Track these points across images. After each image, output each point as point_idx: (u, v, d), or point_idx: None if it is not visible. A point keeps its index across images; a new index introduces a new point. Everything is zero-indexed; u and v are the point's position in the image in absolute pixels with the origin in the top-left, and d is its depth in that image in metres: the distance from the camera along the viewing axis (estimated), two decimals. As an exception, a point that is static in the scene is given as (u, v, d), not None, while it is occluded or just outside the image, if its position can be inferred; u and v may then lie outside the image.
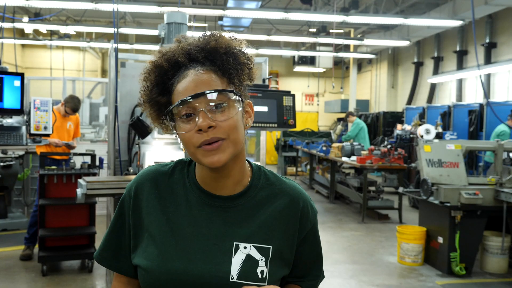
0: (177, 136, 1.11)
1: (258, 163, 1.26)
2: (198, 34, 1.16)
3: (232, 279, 1.06)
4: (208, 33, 1.12)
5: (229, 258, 1.08)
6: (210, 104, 1.04)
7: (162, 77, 1.09)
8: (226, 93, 1.05)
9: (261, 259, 1.09)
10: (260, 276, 1.08)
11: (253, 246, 1.10)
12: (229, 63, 1.08)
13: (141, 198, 1.16)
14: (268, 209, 1.14)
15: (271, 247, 1.11)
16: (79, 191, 3.23)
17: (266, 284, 1.07)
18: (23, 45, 18.29)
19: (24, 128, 5.21)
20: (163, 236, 1.10)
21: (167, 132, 1.16)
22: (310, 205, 1.20)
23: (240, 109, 1.08)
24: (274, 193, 1.16)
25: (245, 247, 1.09)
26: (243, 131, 1.09)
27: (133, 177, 3.58)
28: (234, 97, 1.07)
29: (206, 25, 15.07)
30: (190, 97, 1.03)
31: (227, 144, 1.04)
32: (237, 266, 1.07)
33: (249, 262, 1.08)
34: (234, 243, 1.09)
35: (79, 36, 16.69)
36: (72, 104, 5.59)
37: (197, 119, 1.03)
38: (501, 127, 7.74)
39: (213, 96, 1.04)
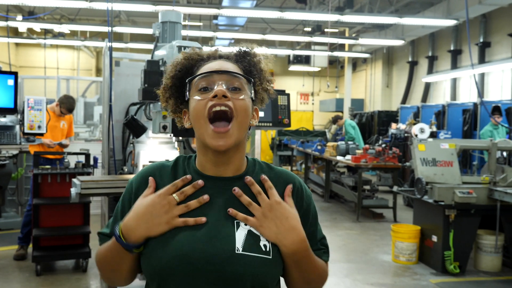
0: (190, 120, 1.19)
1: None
2: (193, 33, 1.22)
3: (237, 251, 1.09)
4: (244, 48, 1.24)
5: (232, 233, 1.11)
6: (229, 84, 1.15)
7: (189, 65, 1.21)
8: (243, 83, 1.16)
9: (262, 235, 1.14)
10: (263, 249, 1.11)
11: None
12: (255, 67, 1.21)
13: (144, 188, 1.20)
14: (265, 190, 1.18)
15: None
16: (73, 190, 3.21)
17: (271, 257, 1.11)
18: (16, 44, 18.19)
19: (17, 127, 5.18)
20: None
21: (180, 123, 1.25)
22: (303, 186, 1.26)
23: (251, 103, 1.18)
24: (269, 177, 1.21)
25: (246, 224, 1.13)
26: (248, 121, 1.17)
27: (128, 176, 3.58)
28: (248, 90, 1.18)
29: (201, 24, 15.04)
30: (217, 71, 1.14)
31: (234, 126, 1.12)
32: (241, 240, 1.11)
33: (252, 237, 1.12)
34: (235, 221, 1.13)
35: (73, 34, 16.62)
36: (68, 104, 5.58)
37: (215, 87, 1.13)
38: (486, 127, 7.89)
39: (234, 78, 1.15)
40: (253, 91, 1.19)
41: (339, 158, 8.38)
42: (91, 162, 5.11)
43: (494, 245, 5.10)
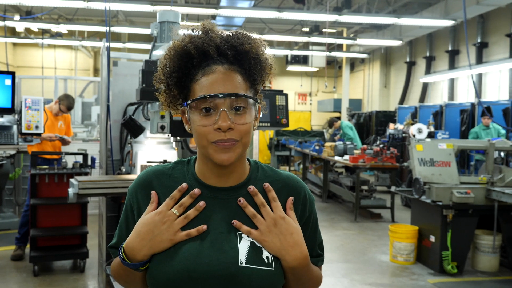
0: (190, 126, 1.14)
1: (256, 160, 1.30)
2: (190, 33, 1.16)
3: (241, 263, 1.08)
4: (240, 31, 1.15)
5: (235, 245, 1.10)
6: (234, 104, 1.08)
7: (186, 63, 1.11)
8: (248, 99, 1.10)
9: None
10: (266, 261, 1.10)
11: None
12: (256, 69, 1.13)
13: (144, 197, 1.18)
14: (267, 199, 1.15)
15: None
16: (71, 190, 3.21)
17: (273, 268, 1.10)
18: (14, 44, 18.15)
19: (15, 127, 5.18)
20: None
21: (176, 114, 1.19)
22: (307, 192, 1.24)
23: (254, 116, 1.13)
24: (272, 184, 1.18)
25: (248, 236, 1.12)
26: (251, 137, 1.14)
27: (125, 176, 3.57)
28: (253, 103, 1.12)
29: (199, 24, 15.01)
30: (221, 95, 1.06)
31: (239, 145, 1.09)
32: (244, 252, 1.09)
33: (254, 249, 1.11)
34: (238, 232, 1.12)
35: (71, 34, 16.59)
36: (67, 102, 5.56)
37: (217, 117, 1.07)
38: (474, 128, 8.04)
39: (238, 99, 1.08)
40: (257, 103, 1.14)
41: (337, 158, 8.39)
42: (89, 162, 5.10)
43: (491, 245, 5.10)
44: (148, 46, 3.63)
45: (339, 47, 17.24)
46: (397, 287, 4.74)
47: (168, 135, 3.25)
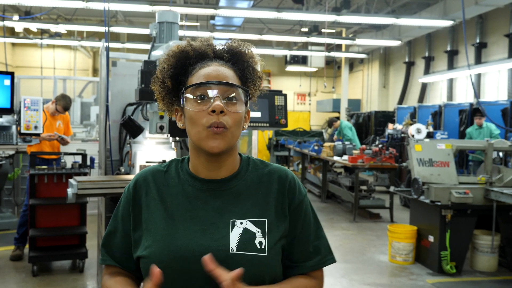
0: (183, 121, 1.20)
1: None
2: (190, 33, 1.21)
3: (232, 250, 1.11)
4: (237, 42, 1.25)
5: (227, 233, 1.13)
6: (226, 94, 1.15)
7: (183, 62, 1.20)
8: (240, 92, 1.17)
9: (258, 231, 1.15)
10: (258, 247, 1.13)
11: (249, 221, 1.16)
12: (249, 70, 1.22)
13: (140, 194, 1.23)
14: (259, 189, 1.21)
15: (266, 220, 1.17)
16: (70, 191, 3.21)
17: (266, 254, 1.13)
18: (13, 44, 18.14)
19: (14, 127, 5.18)
20: (162, 224, 1.17)
21: (170, 114, 1.26)
22: (297, 182, 1.27)
23: (244, 110, 1.19)
24: (262, 175, 1.24)
25: (241, 223, 1.15)
26: (241, 130, 1.20)
27: (124, 176, 3.58)
28: (244, 99, 1.18)
29: (198, 24, 15.03)
30: (216, 82, 1.14)
31: (227, 133, 1.14)
32: (235, 239, 1.13)
33: (247, 234, 1.14)
34: (231, 220, 1.15)
35: (70, 34, 16.58)
36: (64, 103, 5.55)
37: (212, 101, 1.13)
38: (467, 130, 8.10)
39: (231, 89, 1.15)
40: (248, 100, 1.20)
41: (336, 158, 8.39)
42: (88, 163, 5.09)
43: (490, 245, 5.11)
44: (147, 46, 3.63)
45: (338, 47, 17.26)
46: (396, 287, 4.74)
47: (167, 136, 3.26)
